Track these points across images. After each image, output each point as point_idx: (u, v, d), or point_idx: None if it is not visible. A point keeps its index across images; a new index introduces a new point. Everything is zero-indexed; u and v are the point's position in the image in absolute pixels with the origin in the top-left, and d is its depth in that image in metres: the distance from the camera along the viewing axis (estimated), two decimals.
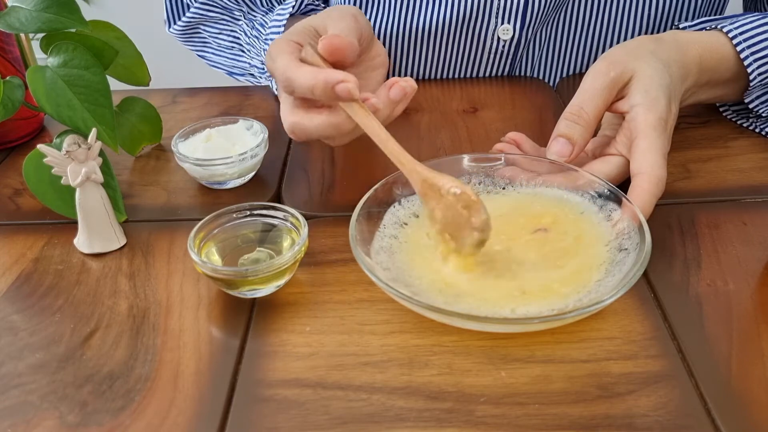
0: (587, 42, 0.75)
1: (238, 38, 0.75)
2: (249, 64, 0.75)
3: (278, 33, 0.66)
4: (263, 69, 0.73)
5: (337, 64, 0.50)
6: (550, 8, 0.70)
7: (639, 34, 0.73)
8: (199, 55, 0.81)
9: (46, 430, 0.37)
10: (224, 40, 0.77)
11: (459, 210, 0.43)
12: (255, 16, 0.73)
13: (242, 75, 0.79)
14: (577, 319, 0.39)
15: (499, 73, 0.76)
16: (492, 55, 0.74)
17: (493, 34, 0.71)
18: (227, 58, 0.78)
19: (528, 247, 0.46)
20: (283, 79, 0.49)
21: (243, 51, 0.76)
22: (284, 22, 0.67)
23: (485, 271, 0.44)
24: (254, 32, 0.72)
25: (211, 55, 0.80)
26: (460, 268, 0.44)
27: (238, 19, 0.74)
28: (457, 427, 0.36)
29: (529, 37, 0.72)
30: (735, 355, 0.39)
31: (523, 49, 0.73)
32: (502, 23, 0.70)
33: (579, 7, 0.72)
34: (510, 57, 0.74)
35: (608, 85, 0.51)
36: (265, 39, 0.69)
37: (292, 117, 0.51)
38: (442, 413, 0.37)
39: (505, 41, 0.72)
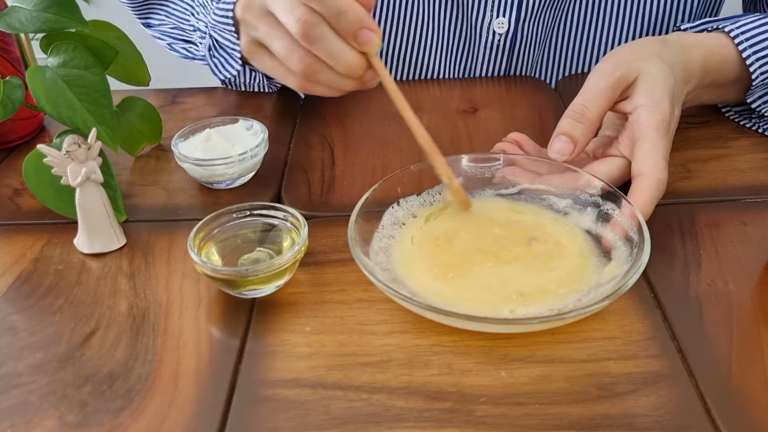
0: (583, 43, 0.75)
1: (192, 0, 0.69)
2: (193, 27, 0.69)
3: None
4: (204, 34, 0.65)
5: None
6: (545, 4, 0.70)
7: (634, 36, 0.73)
8: (143, 23, 0.75)
9: (46, 430, 0.37)
10: (180, 2, 0.70)
11: None
12: None
13: (186, 42, 0.73)
14: (577, 319, 0.39)
15: (497, 70, 0.76)
16: (488, 50, 0.74)
17: (488, 28, 0.71)
18: (177, 20, 0.72)
19: (519, 254, 0.46)
20: None
21: (193, 14, 0.69)
22: None
23: (478, 280, 0.44)
24: None
25: (159, 24, 0.73)
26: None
27: None
28: (457, 427, 0.36)
29: (525, 32, 0.72)
30: (735, 355, 0.39)
31: (520, 45, 0.73)
32: (497, 17, 0.71)
33: (575, 7, 0.72)
34: (506, 52, 0.74)
35: (612, 85, 0.51)
36: None
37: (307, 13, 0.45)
38: (442, 413, 0.37)
39: (500, 35, 0.72)
